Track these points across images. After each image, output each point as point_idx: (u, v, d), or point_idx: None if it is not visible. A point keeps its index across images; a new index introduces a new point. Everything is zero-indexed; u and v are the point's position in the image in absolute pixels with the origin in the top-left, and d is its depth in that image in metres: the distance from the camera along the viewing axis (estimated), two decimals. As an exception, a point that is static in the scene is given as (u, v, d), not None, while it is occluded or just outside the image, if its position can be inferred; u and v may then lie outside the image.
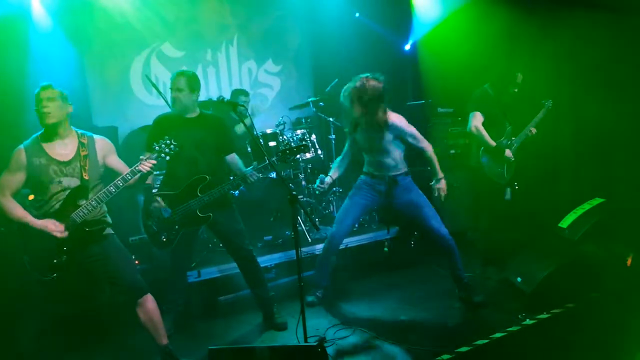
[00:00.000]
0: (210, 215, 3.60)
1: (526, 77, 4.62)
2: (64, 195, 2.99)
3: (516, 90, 4.59)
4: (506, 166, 4.64)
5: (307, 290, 4.16)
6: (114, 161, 3.23)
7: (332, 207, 5.86)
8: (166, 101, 4.59)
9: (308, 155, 5.44)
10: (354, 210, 4.12)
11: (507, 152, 4.58)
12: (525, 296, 3.98)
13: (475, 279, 4.48)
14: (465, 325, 3.78)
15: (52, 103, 2.98)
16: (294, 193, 3.04)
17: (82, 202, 3.00)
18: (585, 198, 4.79)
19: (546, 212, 5.09)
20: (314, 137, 5.65)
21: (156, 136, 3.37)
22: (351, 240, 5.09)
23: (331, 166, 4.22)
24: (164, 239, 3.59)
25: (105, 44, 5.75)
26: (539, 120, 4.73)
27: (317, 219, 5.52)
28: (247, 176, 3.60)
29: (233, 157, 3.85)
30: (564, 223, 4.66)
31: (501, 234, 4.75)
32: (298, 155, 3.75)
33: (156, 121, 3.72)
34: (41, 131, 3.06)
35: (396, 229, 5.45)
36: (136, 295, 3.13)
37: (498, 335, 3.47)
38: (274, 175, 4.97)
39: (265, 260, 4.68)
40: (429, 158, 3.95)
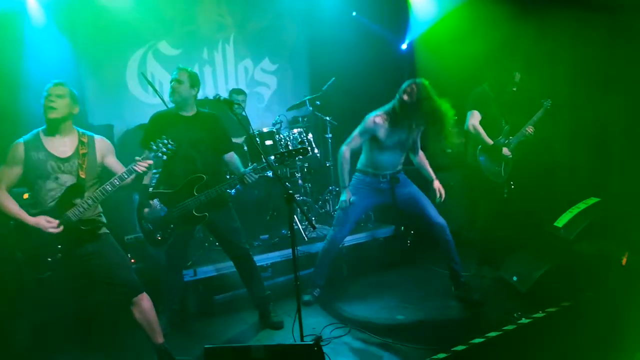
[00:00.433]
0: (206, 214, 3.58)
1: (524, 76, 4.63)
2: (59, 193, 2.98)
3: (514, 89, 4.60)
4: (504, 165, 4.65)
5: (303, 289, 4.17)
6: (112, 162, 3.23)
7: (328, 206, 5.86)
8: (162, 99, 4.56)
9: (305, 154, 5.43)
10: (353, 213, 4.12)
11: (505, 150, 4.59)
12: (521, 295, 4.00)
13: (471, 277, 4.49)
14: (461, 324, 3.79)
15: (59, 100, 3.00)
16: (290, 192, 3.04)
17: (78, 200, 2.99)
18: (581, 197, 4.81)
19: (542, 212, 5.10)
20: (310, 136, 5.64)
21: (153, 134, 3.36)
22: (348, 239, 5.08)
23: (340, 169, 4.01)
24: (158, 238, 3.57)
25: (101, 42, 5.72)
26: (537, 120, 4.72)
27: (314, 217, 5.52)
28: (244, 176, 3.60)
29: (231, 156, 3.83)
30: (560, 222, 4.68)
31: (497, 232, 4.76)
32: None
33: (152, 118, 3.70)
34: (43, 127, 3.06)
35: (392, 227, 5.46)
36: (131, 294, 3.12)
37: (494, 334, 3.47)
38: (270, 174, 4.96)
39: (262, 259, 4.67)
40: (421, 162, 4.25)
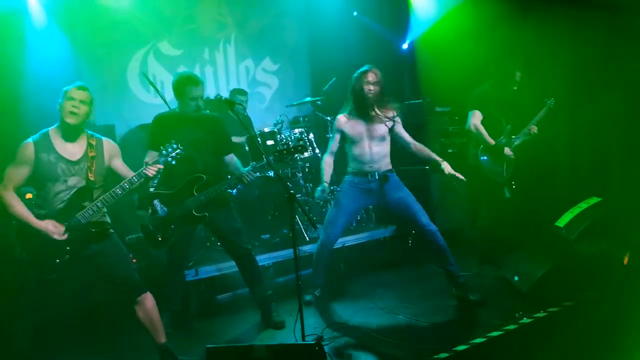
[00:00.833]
0: (206, 214, 3.58)
1: (525, 75, 4.63)
2: (68, 195, 2.99)
3: (515, 88, 4.59)
4: (505, 165, 4.65)
5: (304, 289, 4.17)
6: (119, 165, 3.24)
7: (329, 205, 5.85)
8: (164, 99, 4.57)
9: (306, 154, 5.44)
10: (343, 215, 4.07)
11: (507, 150, 4.58)
12: (522, 295, 4.00)
13: (472, 277, 4.49)
14: (463, 323, 3.79)
15: (83, 106, 3.00)
16: (291, 192, 3.04)
17: (86, 202, 3.00)
18: (582, 197, 4.80)
19: (543, 211, 5.10)
20: (311, 135, 5.65)
21: (157, 135, 3.37)
22: (348, 239, 5.09)
23: (321, 169, 4.08)
24: (159, 238, 3.57)
25: (103, 42, 5.74)
26: (540, 119, 4.71)
27: (315, 217, 5.52)
28: (243, 175, 3.60)
29: (231, 158, 3.84)
30: (561, 222, 4.67)
31: (498, 232, 4.76)
32: (296, 155, 3.75)
33: (156, 120, 3.71)
34: (52, 127, 3.06)
35: (393, 227, 5.46)
36: (135, 294, 3.13)
37: (495, 334, 3.47)
38: (271, 174, 4.97)
39: (263, 259, 4.67)
40: (419, 149, 4.01)
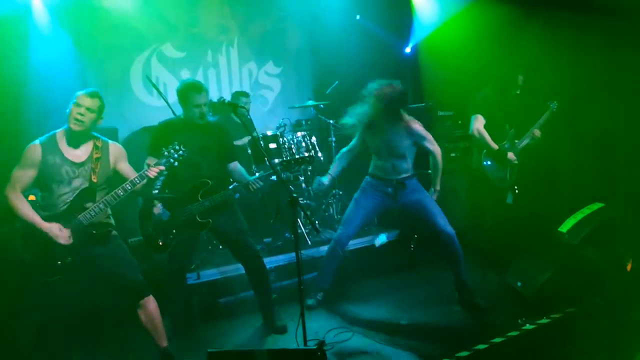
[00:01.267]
0: (210, 221, 3.58)
1: (527, 79, 4.62)
2: (71, 197, 3.00)
3: (518, 92, 4.59)
4: (509, 169, 4.64)
5: (306, 293, 4.15)
6: (125, 167, 3.24)
7: (332, 209, 5.85)
8: (167, 102, 4.56)
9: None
10: (360, 213, 4.14)
11: (510, 155, 4.57)
12: (525, 301, 3.98)
13: (475, 283, 4.47)
14: (465, 329, 3.77)
15: (89, 114, 3.00)
16: (294, 195, 3.04)
17: (89, 204, 3.00)
18: (585, 203, 4.78)
19: (546, 217, 5.08)
20: (314, 139, 5.64)
21: (160, 141, 3.37)
22: (351, 243, 5.05)
23: (334, 160, 4.18)
24: (160, 243, 3.56)
25: (106, 44, 5.74)
26: (543, 123, 4.69)
27: (317, 221, 5.51)
28: (250, 183, 3.60)
29: (235, 166, 3.84)
30: (564, 227, 4.64)
31: (501, 237, 4.74)
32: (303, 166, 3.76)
33: (160, 126, 3.72)
34: (59, 129, 3.07)
35: (396, 232, 5.45)
36: (138, 297, 3.13)
37: (498, 340, 3.46)
38: (274, 177, 4.96)
39: (265, 263, 4.64)
40: (435, 164, 4.09)
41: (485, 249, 4.80)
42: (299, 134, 5.58)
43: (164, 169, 3.10)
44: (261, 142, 5.20)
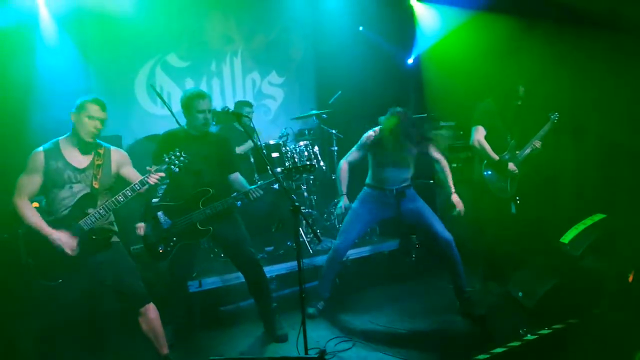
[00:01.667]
0: (210, 229, 3.60)
1: (529, 90, 4.65)
2: (72, 202, 3.02)
3: (519, 103, 4.61)
4: (509, 180, 4.65)
5: (308, 302, 4.16)
6: (129, 172, 3.28)
7: (334, 218, 5.86)
8: (171, 111, 4.58)
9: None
10: (359, 224, 4.19)
11: (511, 166, 4.58)
12: (526, 311, 3.97)
13: (476, 293, 4.47)
14: (466, 339, 3.76)
15: (101, 126, 3.08)
16: (296, 204, 3.05)
17: (90, 210, 3.03)
18: (587, 213, 4.79)
19: (548, 227, 5.08)
20: (316, 148, 5.68)
21: (164, 150, 3.41)
22: (352, 253, 5.08)
23: (338, 178, 4.19)
24: (160, 251, 3.58)
25: (111, 54, 5.79)
26: (544, 134, 4.72)
27: (319, 230, 5.52)
28: (250, 192, 3.62)
29: (237, 177, 3.86)
30: (566, 238, 4.65)
31: (503, 248, 4.74)
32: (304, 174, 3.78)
33: (164, 136, 3.77)
34: (63, 136, 3.12)
35: (397, 241, 5.45)
36: (139, 304, 3.14)
37: (498, 351, 3.45)
38: (276, 186, 4.99)
39: (267, 271, 4.62)
40: (443, 168, 4.16)
41: (486, 258, 4.80)
42: (301, 143, 5.62)
43: (164, 175, 3.12)
44: (264, 151, 5.23)
